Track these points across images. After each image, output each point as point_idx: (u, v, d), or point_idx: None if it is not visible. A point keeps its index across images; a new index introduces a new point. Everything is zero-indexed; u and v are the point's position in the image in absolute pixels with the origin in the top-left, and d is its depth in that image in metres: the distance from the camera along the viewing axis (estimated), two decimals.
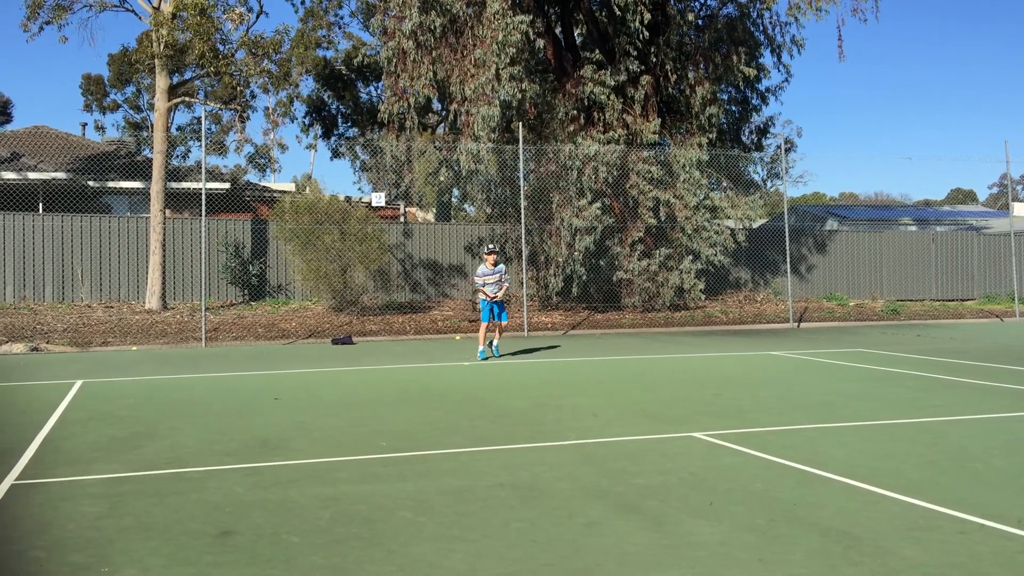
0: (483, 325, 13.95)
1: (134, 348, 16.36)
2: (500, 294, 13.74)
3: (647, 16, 20.46)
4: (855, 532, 4.86)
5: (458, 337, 18.38)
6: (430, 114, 29.65)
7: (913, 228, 34.84)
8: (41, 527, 5.01)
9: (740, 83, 23.77)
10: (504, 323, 14.11)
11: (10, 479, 6.13)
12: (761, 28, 23.55)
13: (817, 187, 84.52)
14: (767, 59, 24.03)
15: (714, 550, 4.59)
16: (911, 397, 9.88)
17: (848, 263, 27.69)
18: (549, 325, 20.60)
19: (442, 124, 30.19)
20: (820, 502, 5.46)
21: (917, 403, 9.45)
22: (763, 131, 26.26)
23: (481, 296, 13.96)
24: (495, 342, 14.27)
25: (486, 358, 13.74)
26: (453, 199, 36.78)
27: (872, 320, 23.14)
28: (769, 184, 45.09)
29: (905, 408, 9.13)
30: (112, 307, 20.70)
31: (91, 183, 25.93)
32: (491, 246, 14.06)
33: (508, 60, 19.90)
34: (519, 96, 20.34)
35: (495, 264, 13.82)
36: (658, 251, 21.78)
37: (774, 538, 4.77)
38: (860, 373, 12.08)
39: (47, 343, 16.46)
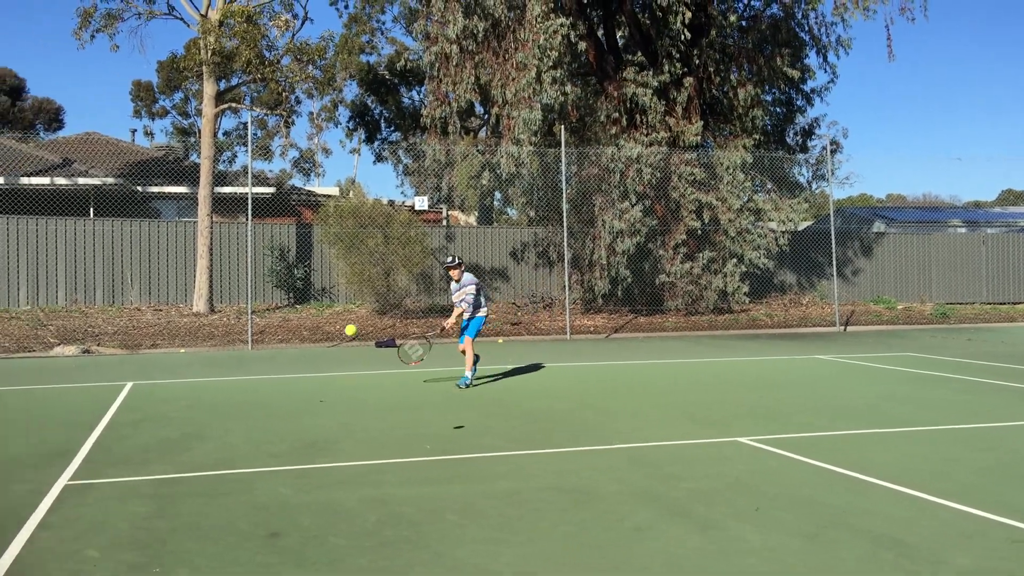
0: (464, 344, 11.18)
1: (182, 350, 16.62)
2: (457, 313, 11.07)
3: (688, 17, 20.33)
4: (906, 539, 4.78)
5: (501, 340, 18.40)
6: (472, 118, 29.77)
7: (963, 230, 34.18)
8: (95, 527, 5.11)
9: (784, 84, 23.52)
10: (467, 340, 11.11)
11: (64, 479, 6.26)
12: (806, 29, 23.29)
13: (864, 189, 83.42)
14: (812, 60, 23.76)
15: (763, 556, 4.54)
16: (962, 402, 9.70)
17: (896, 266, 27.26)
18: (592, 328, 20.54)
19: (484, 128, 30.30)
20: (869, 508, 5.38)
21: (968, 408, 9.27)
22: (808, 132, 25.96)
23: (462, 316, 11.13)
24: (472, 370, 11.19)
25: (468, 384, 11.01)
26: (495, 202, 36.85)
27: (921, 324, 22.75)
28: (814, 186, 44.53)
29: (956, 413, 8.96)
30: (161, 310, 21.04)
31: (140, 188, 26.39)
32: (448, 259, 11.21)
33: (550, 63, 19.90)
34: (560, 99, 20.32)
35: (458, 279, 11.12)
36: (701, 254, 21.62)
37: (823, 544, 4.71)
38: (909, 377, 11.89)
39: (98, 345, 16.77)
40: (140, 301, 21.69)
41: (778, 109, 25.01)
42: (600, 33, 23.55)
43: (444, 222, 30.51)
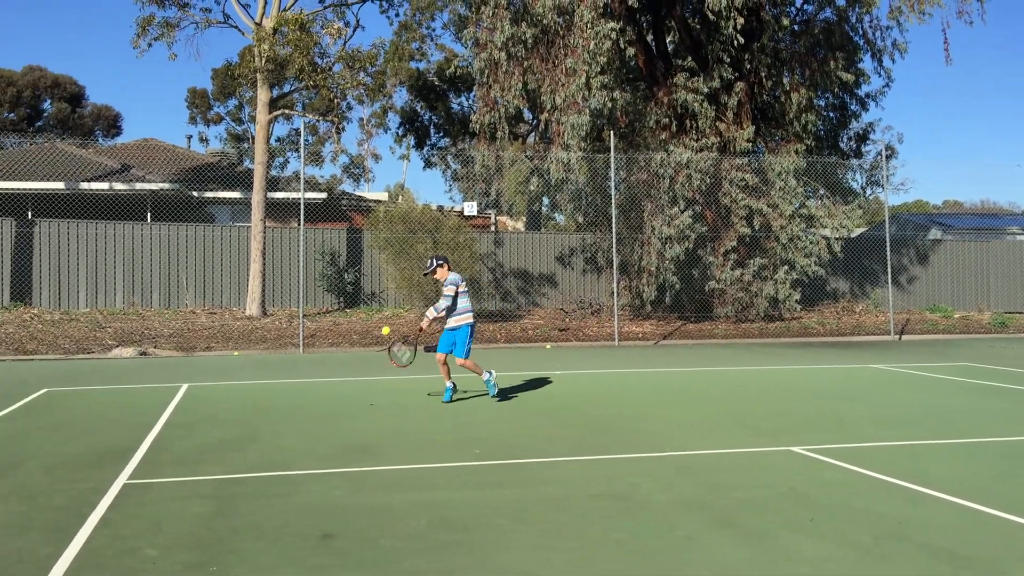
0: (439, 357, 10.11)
1: (235, 353, 16.88)
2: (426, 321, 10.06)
3: (740, 22, 20.17)
4: (965, 553, 4.69)
5: (549, 346, 18.40)
6: (521, 124, 29.85)
7: (1022, 237, 33.41)
8: (153, 525, 5.22)
9: (838, 89, 23.22)
10: (440, 356, 10.10)
11: (123, 478, 6.40)
12: (860, 32, 22.98)
13: (919, 195, 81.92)
14: (867, 64, 23.44)
15: (816, 567, 4.49)
16: (1020, 413, 9.47)
17: (952, 274, 26.73)
18: (640, 335, 20.45)
19: (532, 133, 30.36)
20: (927, 520, 5.29)
21: None
22: (862, 137, 25.59)
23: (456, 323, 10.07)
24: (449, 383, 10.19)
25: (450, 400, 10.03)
26: (543, 208, 36.89)
27: (978, 333, 22.26)
28: (868, 192, 43.85)
29: (1015, 424, 8.76)
30: (215, 313, 21.40)
31: (195, 193, 26.90)
32: (429, 263, 10.38)
33: (598, 69, 19.88)
34: (609, 104, 20.29)
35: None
36: (752, 261, 21.40)
37: (879, 557, 4.64)
38: (966, 387, 11.64)
39: (154, 347, 17.12)
40: (195, 304, 22.09)
41: (831, 114, 24.69)
42: (649, 38, 23.46)
43: (492, 227, 30.61)
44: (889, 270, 21.60)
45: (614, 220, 19.70)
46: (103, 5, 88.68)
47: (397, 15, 31.66)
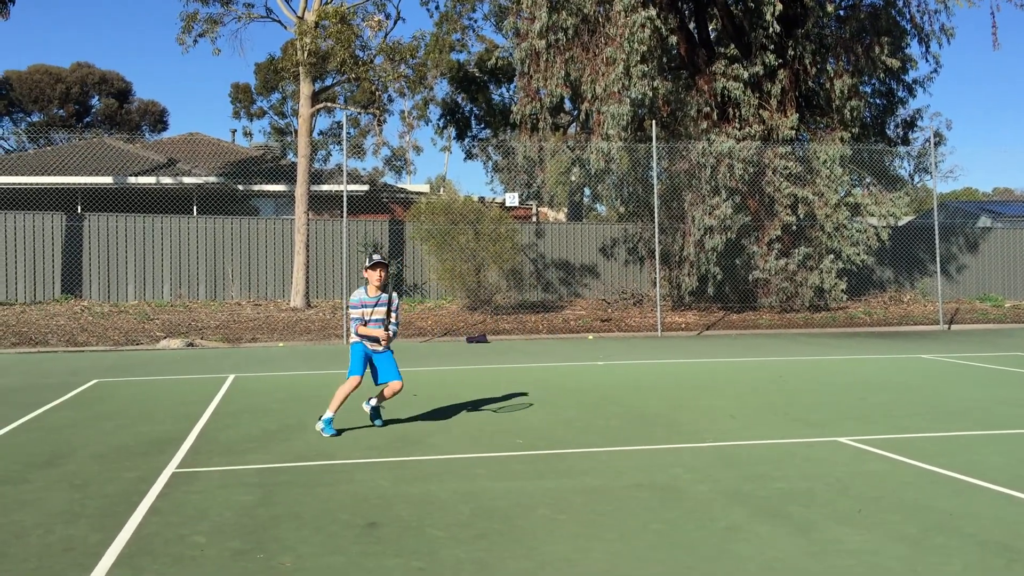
0: (351, 381, 7.77)
1: (280, 344, 17.08)
2: (385, 340, 7.83)
3: (780, 8, 19.88)
4: (1018, 545, 4.60)
5: (591, 337, 18.36)
6: (562, 114, 29.74)
7: None
8: (201, 513, 5.30)
9: (884, 75, 22.79)
10: (398, 384, 7.92)
11: (172, 467, 6.51)
12: (907, 17, 22.52)
13: (968, 182, 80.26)
14: (914, 49, 23.04)
15: (864, 559, 4.43)
16: None
17: (1003, 262, 26.17)
18: (683, 325, 20.31)
19: (574, 124, 30.24)
20: (978, 512, 5.19)
21: None
22: (910, 124, 25.11)
23: (355, 339, 7.84)
24: (373, 402, 8.12)
25: (336, 433, 7.68)
26: (584, 198, 36.77)
27: None
28: (916, 180, 43.08)
29: None
30: (260, 305, 21.67)
31: (240, 187, 27.22)
32: (376, 256, 7.87)
33: (638, 58, 19.73)
34: (649, 93, 20.14)
35: (382, 286, 7.89)
36: (797, 250, 21.14)
37: (929, 549, 4.57)
38: (1018, 378, 11.40)
39: (201, 339, 17.38)
40: (240, 296, 22.38)
41: (878, 100, 24.25)
42: (691, 26, 23.24)
43: (534, 218, 30.58)
44: (938, 259, 21.20)
45: (656, 210, 19.57)
46: (149, 2, 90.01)
47: (437, 7, 31.70)
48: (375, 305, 7.76)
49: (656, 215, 19.57)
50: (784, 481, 5.96)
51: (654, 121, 20.21)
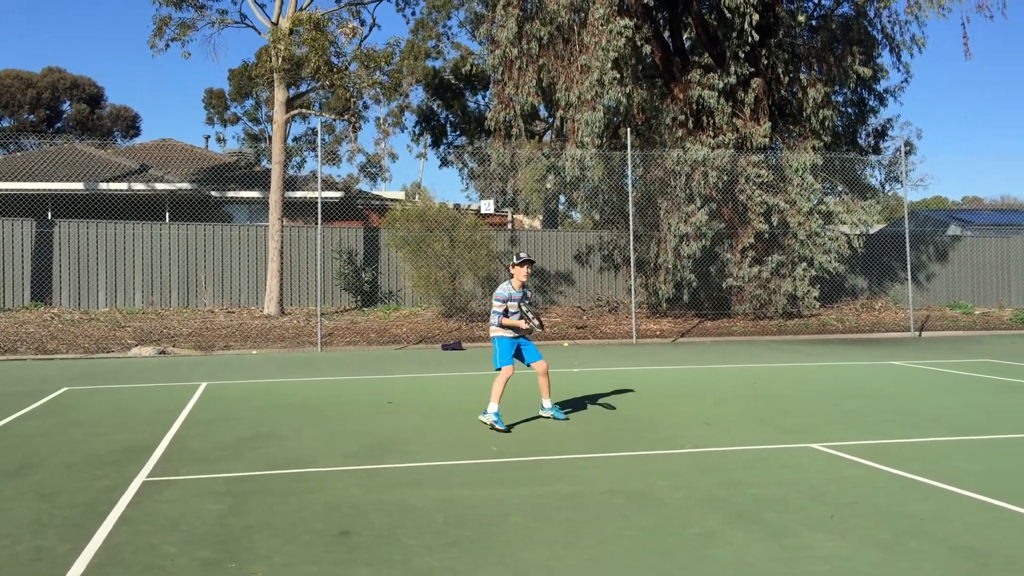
0: (505, 371, 8.45)
1: (254, 352, 16.95)
2: (526, 329, 8.56)
3: (756, 18, 20.05)
4: (987, 549, 4.64)
5: (566, 343, 18.38)
6: (537, 121, 29.82)
7: None
8: (172, 522, 5.24)
9: (856, 84, 23.03)
10: (544, 363, 8.71)
11: (142, 476, 6.43)
12: (878, 27, 22.79)
13: (938, 191, 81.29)
14: (885, 59, 23.25)
15: (837, 564, 4.45)
16: None
17: (973, 270, 26.50)
18: (658, 332, 20.39)
19: (549, 131, 30.32)
20: (949, 517, 5.24)
21: None
22: (881, 133, 25.39)
23: (501, 332, 8.57)
24: (547, 404, 8.94)
25: (507, 429, 8.21)
26: (560, 206, 36.85)
27: (999, 330, 22.06)
28: (887, 188, 43.56)
29: None
30: (233, 312, 21.50)
31: (213, 193, 27.03)
32: (524, 254, 8.89)
33: (611, 65, 19.81)
34: (624, 101, 20.22)
35: (524, 283, 8.72)
36: (770, 257, 21.28)
37: (901, 554, 4.60)
38: (988, 384, 11.53)
39: (173, 346, 17.22)
40: (213, 303, 22.20)
41: (849, 110, 24.51)
42: (666, 35, 23.38)
43: (509, 226, 30.61)
44: (908, 267, 21.43)
45: (631, 217, 19.63)
46: (122, 7, 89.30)
47: (413, 13, 31.61)
48: (521, 299, 8.59)
49: (631, 222, 19.64)
50: (758, 487, 5.98)
51: (629, 129, 20.29)
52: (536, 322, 8.54)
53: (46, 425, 8.67)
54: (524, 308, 8.57)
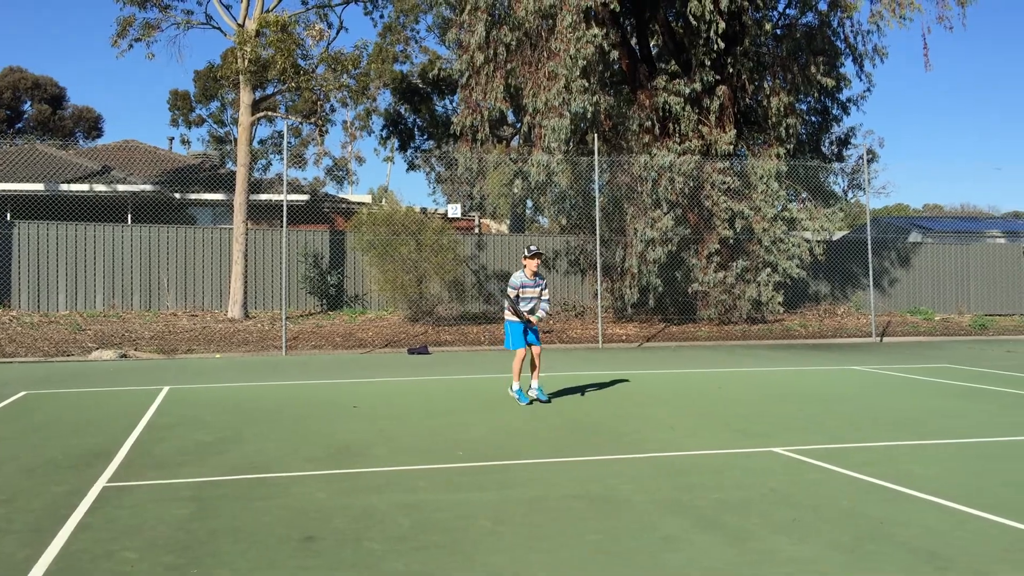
0: (518, 354, 10.05)
1: (217, 356, 16.79)
2: (540, 316, 10.09)
3: (722, 26, 20.26)
4: (946, 552, 4.72)
5: None
6: (505, 126, 29.86)
7: (1002, 240, 33.70)
8: (133, 528, 5.17)
9: (819, 93, 23.35)
10: (539, 349, 10.22)
11: (103, 481, 6.35)
12: (842, 37, 23.10)
13: (900, 198, 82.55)
14: (848, 68, 23.64)
15: (799, 567, 4.50)
16: (1002, 414, 9.55)
17: (933, 276, 26.93)
18: (624, 337, 20.48)
19: (516, 136, 30.37)
20: (908, 520, 5.32)
21: (1008, 420, 9.13)
22: (844, 142, 25.73)
23: (512, 316, 10.02)
24: (535, 384, 10.30)
25: (529, 402, 10.09)
26: (527, 210, 36.90)
27: (959, 335, 22.43)
28: (850, 195, 44.14)
29: (996, 426, 8.83)
30: (196, 315, 21.28)
31: (177, 195, 26.75)
32: (534, 247, 10.00)
33: (579, 72, 19.90)
34: (591, 108, 20.31)
35: (536, 273, 10.05)
36: (735, 263, 21.48)
37: (861, 556, 4.66)
38: (947, 389, 11.72)
39: (135, 350, 17.00)
40: (176, 307, 21.96)
41: (813, 118, 24.82)
42: (633, 42, 23.53)
43: (476, 230, 30.60)
44: (871, 273, 21.73)
45: (598, 223, 19.71)
46: (85, 6, 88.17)
47: (381, 17, 31.50)
48: (533, 286, 9.95)
49: (598, 227, 19.72)
50: (721, 491, 6.03)
51: (596, 135, 20.39)
52: (538, 314, 10.01)
53: (4, 430, 8.52)
54: (539, 299, 10.03)
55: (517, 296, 9.91)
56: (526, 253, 9.97)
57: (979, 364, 15.09)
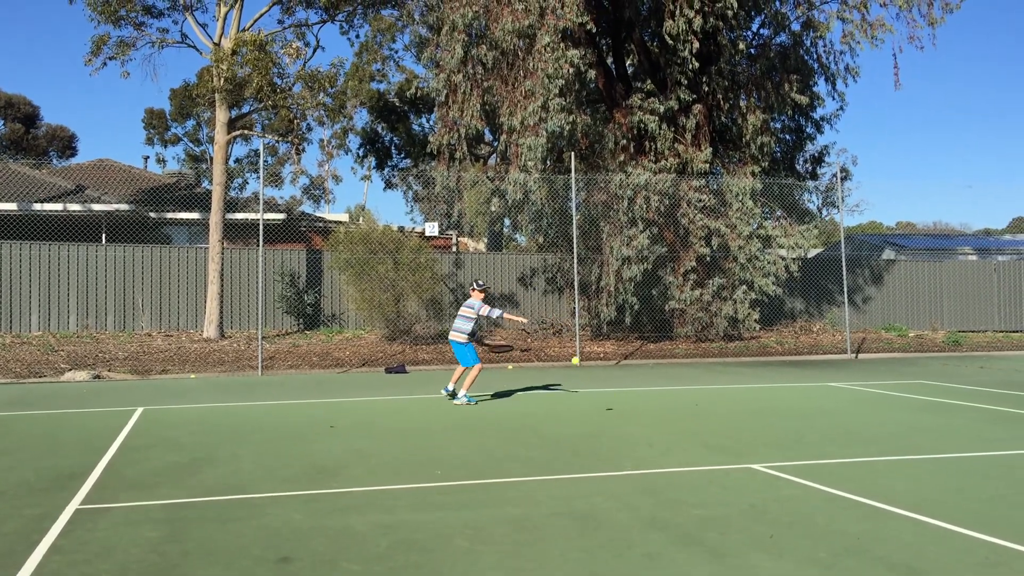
0: (477, 367, 11.95)
1: (192, 376, 16.64)
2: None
3: (696, 46, 20.46)
4: (923, 567, 4.74)
5: (510, 367, 18.38)
6: (482, 145, 29.92)
7: (973, 257, 34.09)
8: (106, 551, 5.10)
9: (793, 111, 23.59)
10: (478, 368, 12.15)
11: (75, 503, 6.25)
12: (815, 56, 23.39)
13: (873, 216, 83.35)
14: (821, 87, 23.88)
15: None
16: (976, 430, 9.63)
17: (907, 293, 27.19)
18: (601, 355, 20.50)
19: (494, 155, 30.45)
20: (885, 536, 5.34)
21: (983, 436, 9.20)
22: (818, 160, 25.99)
23: (465, 339, 11.86)
24: (451, 386, 12.12)
25: (475, 402, 11.89)
26: (504, 229, 36.95)
27: (933, 351, 22.64)
28: (824, 213, 44.54)
29: (970, 441, 8.90)
30: (171, 336, 21.09)
31: (152, 214, 26.56)
32: (481, 283, 12.09)
33: (556, 91, 20.01)
34: (568, 126, 20.41)
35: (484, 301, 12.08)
36: (711, 281, 21.59)
37: (839, 572, 4.67)
38: (922, 405, 11.82)
39: (108, 371, 16.81)
40: (151, 327, 21.76)
41: (787, 136, 25.06)
42: (609, 61, 23.69)
43: (453, 248, 30.59)
44: (845, 290, 21.92)
45: (575, 241, 19.77)
46: (58, 24, 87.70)
47: (358, 36, 31.62)
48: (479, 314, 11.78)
49: (575, 246, 19.77)
50: (700, 508, 6.04)
51: (573, 153, 20.48)
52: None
53: None
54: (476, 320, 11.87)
55: (475, 321, 11.92)
56: (475, 287, 12.01)
57: (953, 380, 15.23)
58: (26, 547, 5.15)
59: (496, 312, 11.92)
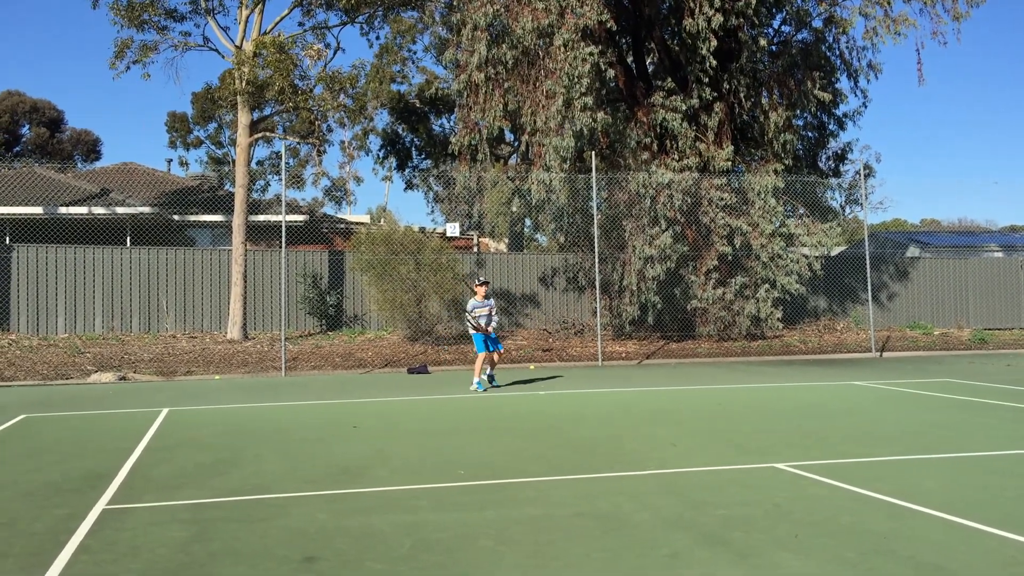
0: (480, 356, 13.73)
1: (217, 377, 16.75)
2: (492, 327, 13.82)
3: (716, 44, 20.36)
4: (951, 567, 4.69)
5: (532, 367, 18.37)
6: (503, 145, 29.93)
7: (999, 254, 33.74)
8: (133, 551, 5.14)
9: (815, 108, 23.43)
10: (501, 352, 14.41)
11: (102, 504, 6.31)
12: (837, 53, 23.23)
13: (897, 213, 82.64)
14: (844, 84, 23.73)
15: None
16: (1005, 428, 9.52)
17: (931, 291, 26.94)
18: (623, 355, 20.45)
19: (514, 155, 30.45)
20: (913, 535, 5.29)
21: (1011, 434, 9.10)
22: (841, 157, 25.80)
23: (472, 329, 13.84)
24: (490, 371, 14.27)
25: (485, 390, 13.69)
26: (526, 229, 36.94)
27: (958, 349, 22.41)
28: (848, 211, 44.19)
29: (999, 440, 8.80)
30: (195, 337, 21.25)
31: (176, 217, 26.78)
32: (482, 278, 14.19)
33: (580, 91, 19.97)
34: (591, 126, 20.38)
35: (486, 297, 13.93)
36: (733, 279, 21.48)
37: (866, 572, 4.63)
38: (948, 403, 11.70)
39: (134, 372, 16.96)
40: (175, 328, 21.93)
41: (810, 133, 24.90)
42: (630, 60, 23.63)
43: (474, 249, 30.62)
44: (869, 288, 21.74)
45: (596, 240, 19.73)
46: (83, 30, 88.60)
47: (378, 38, 31.76)
48: (483, 307, 13.76)
49: (596, 245, 19.73)
50: (724, 507, 6.00)
51: (594, 152, 20.44)
52: (492, 325, 13.87)
53: (3, 453, 8.49)
54: (490, 315, 13.82)
55: (474, 315, 13.72)
56: (476, 282, 14.24)
57: (980, 378, 15.08)
58: (54, 547, 5.20)
59: (466, 313, 13.96)
